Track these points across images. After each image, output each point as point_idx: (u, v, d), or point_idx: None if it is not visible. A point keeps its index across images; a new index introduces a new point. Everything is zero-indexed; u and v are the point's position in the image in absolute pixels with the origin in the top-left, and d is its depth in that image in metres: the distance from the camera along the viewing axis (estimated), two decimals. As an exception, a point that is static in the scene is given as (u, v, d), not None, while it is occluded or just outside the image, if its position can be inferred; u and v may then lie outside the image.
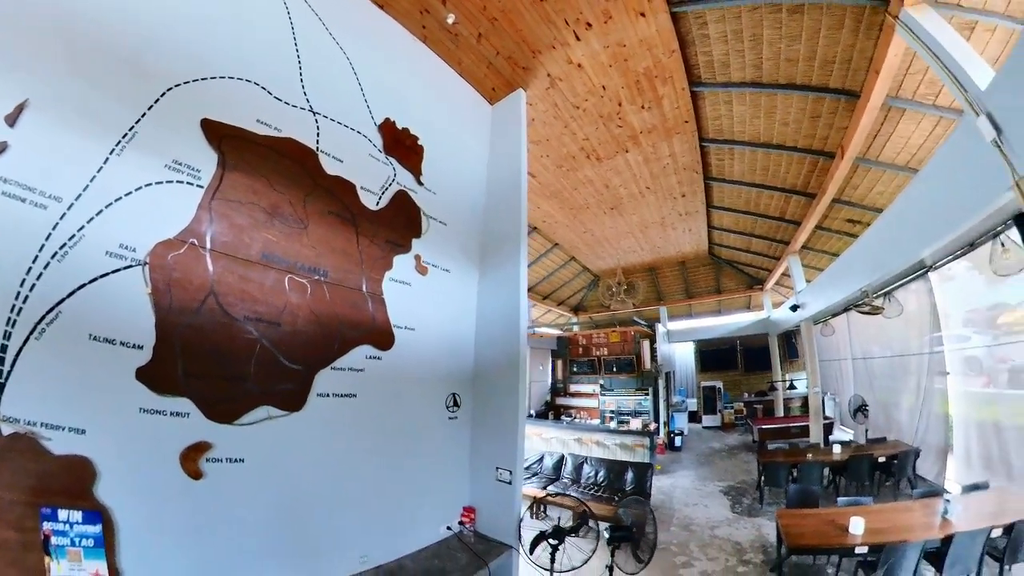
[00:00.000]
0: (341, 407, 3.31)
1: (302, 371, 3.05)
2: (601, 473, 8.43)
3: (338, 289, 3.37)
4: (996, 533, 4.24)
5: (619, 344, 13.97)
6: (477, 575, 3.56)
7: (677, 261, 15.10)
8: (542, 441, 12.44)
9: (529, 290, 14.37)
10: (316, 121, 3.37)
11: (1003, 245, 4.30)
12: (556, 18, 4.54)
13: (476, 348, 4.67)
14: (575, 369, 15.29)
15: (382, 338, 3.66)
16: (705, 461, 11.75)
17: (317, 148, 3.35)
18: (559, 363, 15.84)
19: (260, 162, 2.96)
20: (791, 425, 12.12)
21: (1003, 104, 3.17)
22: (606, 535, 3.65)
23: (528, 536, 3.62)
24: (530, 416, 13.82)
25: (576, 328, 15.38)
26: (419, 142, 4.23)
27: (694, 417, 17.60)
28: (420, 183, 4.18)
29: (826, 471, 8.01)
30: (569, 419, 14.40)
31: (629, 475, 8.01)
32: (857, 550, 4.33)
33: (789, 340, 15.40)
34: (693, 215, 10.51)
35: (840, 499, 5.66)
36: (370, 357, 3.54)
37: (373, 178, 3.77)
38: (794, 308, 10.70)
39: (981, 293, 6.11)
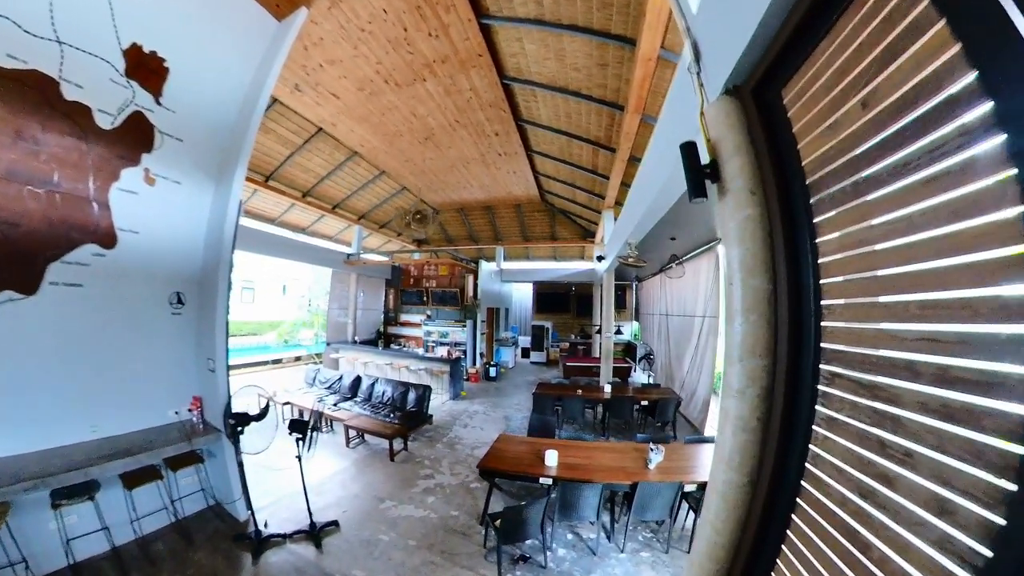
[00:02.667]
0: (70, 295, 4.08)
1: (37, 263, 3.87)
2: (388, 392, 9.06)
3: (68, 197, 4.05)
4: (690, 488, 4.54)
5: (447, 277, 14.66)
6: (177, 446, 4.48)
7: (512, 203, 15.79)
8: (361, 365, 12.98)
9: (362, 217, 14.45)
10: (62, 51, 3.77)
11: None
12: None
13: (205, 252, 5.21)
14: (406, 299, 15.85)
15: (106, 238, 4.34)
16: (513, 392, 12.95)
17: (60, 76, 3.81)
18: (392, 293, 16.29)
19: (8, 93, 3.55)
20: (593, 365, 13.43)
21: (704, 28, 2.56)
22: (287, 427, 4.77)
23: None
24: (354, 342, 14.20)
25: (416, 256, 15.67)
26: (165, 64, 4.52)
27: (528, 353, 19.15)
28: (159, 103, 4.56)
29: (599, 408, 9.24)
30: (399, 347, 15.03)
31: (411, 395, 8.71)
32: (541, 480, 4.67)
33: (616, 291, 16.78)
34: (513, 156, 11.03)
35: (563, 433, 6.39)
36: (95, 255, 4.26)
37: (111, 100, 4.22)
38: (600, 259, 11.75)
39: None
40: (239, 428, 4.48)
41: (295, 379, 11.26)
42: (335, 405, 8.81)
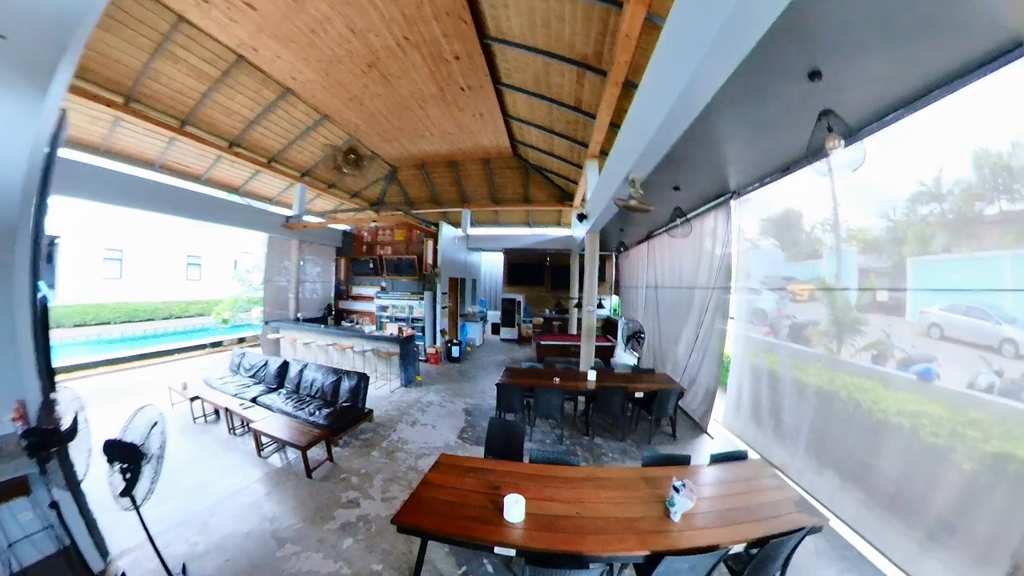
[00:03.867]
0: None
1: None
2: (318, 381, 7.30)
3: None
4: (737, 548, 2.96)
5: (403, 243, 12.80)
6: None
7: (480, 158, 13.64)
8: (302, 346, 11.16)
9: (305, 174, 12.37)
10: None
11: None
12: None
13: (24, 196, 3.59)
14: (357, 269, 13.92)
15: None
16: (479, 374, 11.09)
17: None
18: (343, 262, 14.32)
19: None
20: (572, 343, 11.69)
21: None
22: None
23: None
24: (296, 320, 12.42)
25: (374, 220, 13.65)
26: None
27: (498, 329, 17.41)
28: (-31, -14, 3.02)
29: (581, 399, 7.46)
30: (351, 324, 13.19)
31: (345, 385, 6.97)
32: (498, 551, 2.81)
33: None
34: (478, 91, 8.99)
35: (534, 451, 4.24)
36: None
37: None
38: (582, 217, 9.89)
39: (780, 266, 6.81)
40: (43, 451, 3.08)
41: (225, 366, 9.27)
42: (253, 400, 6.93)
